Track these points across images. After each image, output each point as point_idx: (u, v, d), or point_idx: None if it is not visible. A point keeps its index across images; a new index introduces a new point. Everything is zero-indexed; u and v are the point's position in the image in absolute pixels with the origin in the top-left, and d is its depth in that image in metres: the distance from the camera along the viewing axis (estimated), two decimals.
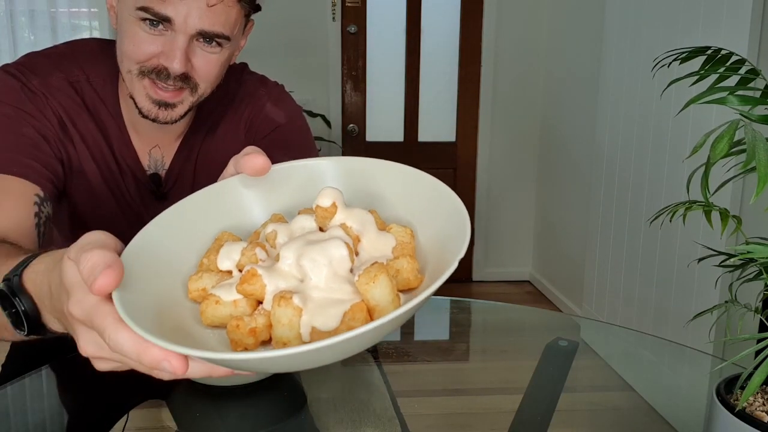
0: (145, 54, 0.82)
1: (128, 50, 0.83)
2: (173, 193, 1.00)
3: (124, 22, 0.83)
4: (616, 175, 2.66)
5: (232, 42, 0.86)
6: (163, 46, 0.82)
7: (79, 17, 3.35)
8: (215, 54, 0.85)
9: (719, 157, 0.53)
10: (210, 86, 0.88)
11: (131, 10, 0.81)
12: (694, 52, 0.66)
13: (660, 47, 2.27)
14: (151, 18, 0.80)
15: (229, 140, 1.02)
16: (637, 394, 0.95)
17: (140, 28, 0.81)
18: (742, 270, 0.65)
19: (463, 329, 1.07)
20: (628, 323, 2.53)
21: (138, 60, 0.83)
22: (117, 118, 0.95)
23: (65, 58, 0.93)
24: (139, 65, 0.83)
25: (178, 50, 0.81)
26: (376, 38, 3.58)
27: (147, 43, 0.82)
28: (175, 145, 1.00)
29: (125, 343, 0.41)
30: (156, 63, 0.83)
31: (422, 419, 0.87)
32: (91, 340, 0.45)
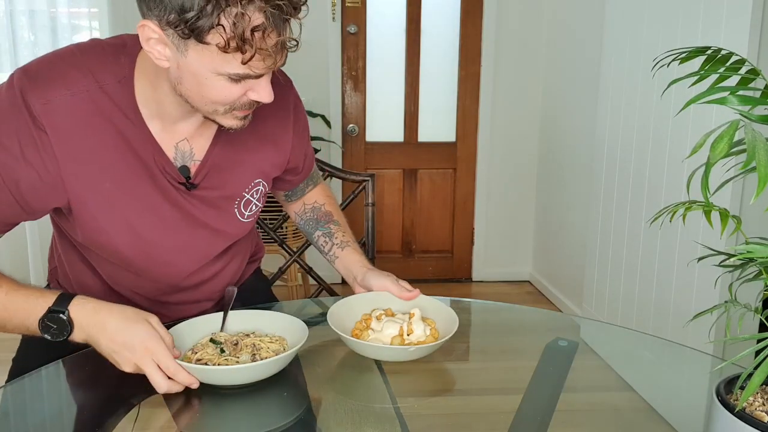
0: (234, 97, 0.89)
1: (214, 97, 0.88)
2: (206, 183, 1.05)
3: (205, 78, 0.86)
4: (616, 175, 2.66)
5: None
6: (247, 86, 0.88)
7: (79, 17, 3.34)
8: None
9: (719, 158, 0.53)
10: None
11: (210, 70, 0.84)
12: (694, 52, 0.66)
13: (660, 47, 2.27)
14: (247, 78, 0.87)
15: (269, 138, 1.12)
16: (637, 394, 0.95)
17: (226, 81, 0.86)
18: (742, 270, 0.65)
19: (463, 329, 1.07)
20: (628, 323, 2.53)
21: (227, 102, 0.89)
22: (135, 120, 0.96)
23: (72, 65, 0.93)
24: (229, 106, 0.90)
25: (267, 87, 0.89)
26: (376, 38, 3.58)
27: (235, 90, 0.88)
28: (203, 139, 1.03)
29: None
30: (246, 100, 0.90)
31: (422, 419, 0.87)
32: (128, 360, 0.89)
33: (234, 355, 0.94)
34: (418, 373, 0.99)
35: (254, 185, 1.11)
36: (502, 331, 1.23)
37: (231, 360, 0.93)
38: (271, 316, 1.06)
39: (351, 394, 0.93)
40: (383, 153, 3.71)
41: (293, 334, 0.99)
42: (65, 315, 0.90)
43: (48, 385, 0.96)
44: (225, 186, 1.07)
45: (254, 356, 0.94)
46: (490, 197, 3.80)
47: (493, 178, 3.78)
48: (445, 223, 3.85)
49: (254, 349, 0.96)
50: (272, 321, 1.04)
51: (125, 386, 0.92)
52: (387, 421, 0.85)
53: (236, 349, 0.96)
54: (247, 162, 1.09)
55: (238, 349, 0.95)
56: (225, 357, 0.93)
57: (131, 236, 1.01)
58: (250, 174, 1.10)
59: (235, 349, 0.95)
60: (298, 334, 0.97)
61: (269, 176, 1.15)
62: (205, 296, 1.18)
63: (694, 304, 2.10)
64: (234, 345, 0.96)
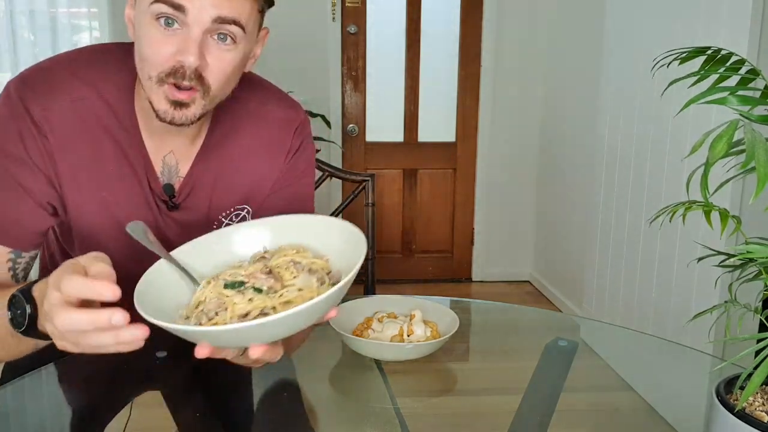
0: (163, 55, 0.83)
1: (147, 54, 0.84)
2: (187, 203, 0.99)
3: (141, 27, 0.84)
4: (616, 175, 2.66)
5: (246, 41, 0.86)
6: (178, 44, 0.82)
7: (79, 17, 3.34)
8: (230, 52, 0.85)
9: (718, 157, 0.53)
10: (222, 88, 0.88)
11: (146, 8, 0.82)
12: (694, 53, 0.66)
13: (660, 47, 2.27)
14: (165, 12, 0.81)
15: (258, 159, 1.03)
16: (636, 394, 0.95)
17: (156, 30, 0.82)
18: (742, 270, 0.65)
19: (463, 329, 1.07)
20: (627, 323, 2.53)
21: (157, 62, 0.84)
22: (131, 128, 0.94)
23: (73, 73, 0.92)
24: (158, 70, 0.84)
25: (192, 43, 0.82)
26: (376, 38, 3.58)
27: (163, 43, 0.82)
28: (190, 154, 0.99)
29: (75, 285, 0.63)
30: (172, 63, 0.83)
31: (422, 419, 0.87)
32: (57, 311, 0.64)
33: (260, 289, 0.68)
34: (418, 373, 0.99)
35: (235, 210, 1.03)
36: (502, 331, 1.23)
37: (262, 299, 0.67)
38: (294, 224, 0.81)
39: (351, 394, 0.93)
40: (383, 153, 3.71)
41: (340, 253, 0.74)
42: (25, 290, 0.73)
43: (39, 387, 0.96)
44: (205, 207, 1.01)
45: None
46: (490, 197, 3.80)
47: (493, 178, 3.78)
48: (445, 223, 3.85)
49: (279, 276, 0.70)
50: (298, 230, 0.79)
51: (117, 387, 0.92)
52: (387, 421, 0.85)
53: (275, 278, 0.70)
54: (230, 182, 1.02)
55: (277, 278, 0.70)
56: (251, 292, 0.68)
57: (130, 249, 0.98)
58: (232, 196, 1.02)
59: (275, 278, 0.70)
60: (348, 252, 0.72)
61: (256, 200, 1.04)
62: None
63: (693, 304, 2.10)
64: (268, 274, 0.70)
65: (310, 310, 0.60)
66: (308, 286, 0.68)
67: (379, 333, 1.01)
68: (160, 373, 0.96)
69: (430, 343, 0.97)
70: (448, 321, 1.04)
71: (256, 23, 0.90)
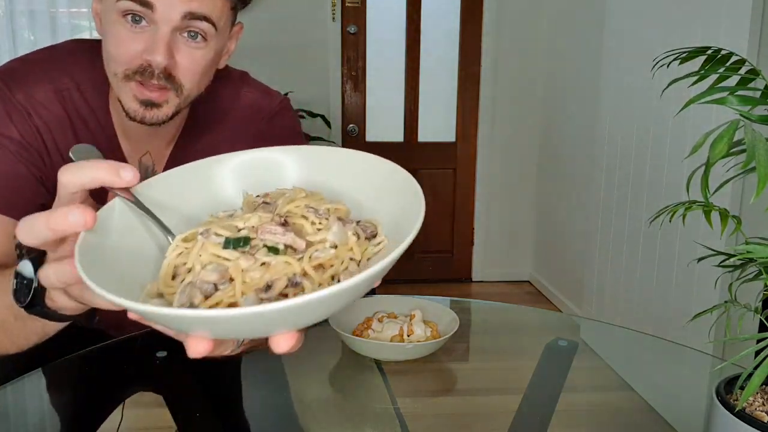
0: (129, 53, 0.80)
1: (113, 51, 0.81)
2: None
3: (108, 24, 0.82)
4: (616, 175, 2.66)
5: (218, 38, 0.84)
6: (146, 42, 0.80)
7: (79, 17, 3.35)
8: (200, 50, 0.82)
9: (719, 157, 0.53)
10: (195, 87, 0.85)
11: (112, 3, 0.79)
12: (694, 52, 0.66)
13: (660, 47, 2.27)
14: (132, 9, 0.78)
15: (228, 150, 0.99)
16: (636, 395, 0.95)
17: (123, 27, 0.80)
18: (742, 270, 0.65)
19: (462, 329, 1.07)
20: (627, 323, 2.53)
21: (122, 60, 0.81)
22: (106, 127, 0.93)
23: (53, 63, 0.91)
24: (124, 68, 0.81)
25: (160, 42, 0.79)
26: (376, 38, 3.58)
27: (129, 41, 0.80)
28: (166, 154, 0.97)
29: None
30: (139, 62, 0.80)
31: (422, 419, 0.87)
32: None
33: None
34: (418, 373, 0.99)
35: None
36: (502, 331, 1.23)
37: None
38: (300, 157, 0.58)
39: (351, 394, 0.93)
40: (383, 153, 3.67)
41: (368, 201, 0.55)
42: (33, 262, 0.59)
43: (39, 387, 0.96)
44: None
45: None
46: (490, 197, 3.80)
47: (493, 178, 3.78)
48: (445, 223, 3.85)
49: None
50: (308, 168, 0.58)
51: (108, 389, 0.91)
52: (387, 421, 0.85)
53: (296, 232, 0.49)
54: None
55: (298, 231, 0.49)
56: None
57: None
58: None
59: (296, 232, 0.49)
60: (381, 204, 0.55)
61: None
62: None
63: (693, 304, 2.10)
64: (285, 226, 0.49)
65: (371, 279, 0.41)
66: (343, 241, 0.49)
67: (379, 333, 1.01)
68: (160, 373, 0.96)
69: (430, 343, 0.97)
70: (448, 321, 1.04)
71: (229, 19, 0.87)
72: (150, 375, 0.96)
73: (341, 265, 0.48)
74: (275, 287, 0.45)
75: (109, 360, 0.97)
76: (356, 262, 0.49)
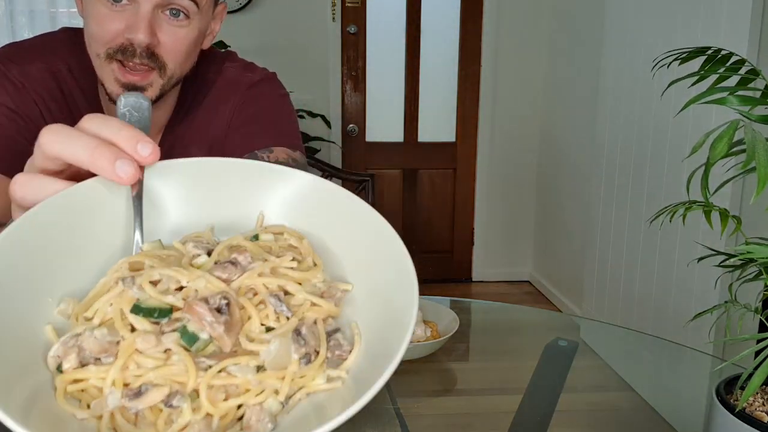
0: (110, 32, 0.79)
1: (94, 32, 0.80)
2: None
3: (89, 5, 0.81)
4: (615, 175, 2.66)
5: (200, 16, 0.83)
6: (127, 20, 0.79)
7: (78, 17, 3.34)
8: (183, 28, 0.81)
9: (719, 158, 0.53)
10: (179, 67, 0.84)
11: None
12: (695, 53, 0.66)
13: (660, 47, 2.27)
14: None
15: (211, 127, 0.97)
16: (636, 395, 0.95)
17: (103, 6, 0.79)
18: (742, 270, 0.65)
19: (462, 329, 1.07)
20: (627, 323, 2.53)
21: (104, 40, 0.80)
22: (97, 111, 0.93)
23: (47, 47, 0.91)
24: (106, 47, 0.80)
25: (141, 20, 0.78)
26: (376, 38, 3.58)
27: (110, 20, 0.79)
28: (156, 140, 0.96)
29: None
30: (121, 40, 0.79)
31: (422, 419, 0.87)
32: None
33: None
34: (418, 373, 0.99)
35: None
36: (502, 331, 1.23)
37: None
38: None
39: None
40: (383, 153, 3.71)
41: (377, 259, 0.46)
42: None
43: None
44: None
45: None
46: (490, 197, 3.80)
47: (493, 178, 3.78)
48: (445, 223, 3.85)
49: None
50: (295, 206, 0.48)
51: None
52: (387, 421, 0.85)
53: (229, 326, 0.38)
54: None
55: (233, 326, 0.38)
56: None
57: None
58: None
59: (228, 327, 0.38)
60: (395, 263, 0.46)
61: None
62: None
63: (694, 304, 2.10)
64: (219, 314, 0.38)
65: None
66: (277, 365, 0.38)
67: None
68: None
69: (430, 343, 0.97)
70: (448, 321, 1.04)
71: (211, 1, 0.86)
72: None
73: (256, 397, 0.36)
74: (147, 396, 0.35)
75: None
76: (279, 396, 0.37)
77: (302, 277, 0.42)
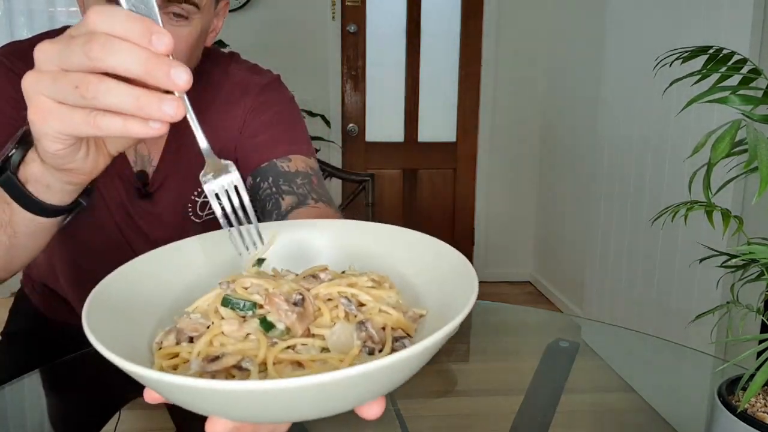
0: None
1: None
2: (160, 191, 0.97)
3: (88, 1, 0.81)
4: (616, 175, 2.66)
5: (202, 15, 0.83)
6: None
7: (78, 16, 3.34)
8: (184, 28, 0.81)
9: (720, 157, 0.53)
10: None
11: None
12: (696, 52, 0.66)
13: (661, 47, 2.27)
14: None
15: (221, 129, 0.97)
16: (638, 395, 0.95)
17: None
18: (744, 270, 0.64)
19: (463, 330, 1.07)
20: (629, 324, 2.53)
21: None
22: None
23: None
24: None
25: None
26: (376, 38, 3.58)
27: None
28: (161, 142, 0.96)
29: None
30: None
31: (422, 420, 0.86)
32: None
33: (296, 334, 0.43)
34: (418, 374, 0.99)
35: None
36: (503, 331, 1.23)
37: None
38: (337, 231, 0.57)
39: None
40: (383, 153, 3.71)
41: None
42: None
43: (39, 387, 0.95)
44: (177, 193, 0.98)
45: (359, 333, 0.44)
46: (490, 197, 3.80)
47: (493, 178, 3.78)
48: (445, 223, 3.84)
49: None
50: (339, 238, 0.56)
51: (105, 392, 0.91)
52: (387, 422, 0.84)
53: (301, 316, 0.44)
54: (197, 161, 0.98)
55: (305, 317, 0.44)
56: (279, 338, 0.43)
57: (113, 236, 0.96)
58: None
59: (301, 317, 0.44)
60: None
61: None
62: None
63: (695, 304, 2.09)
64: (294, 306, 0.44)
65: (322, 391, 0.34)
66: (341, 349, 0.42)
67: None
68: None
69: None
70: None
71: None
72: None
73: (318, 368, 0.41)
74: (222, 360, 0.41)
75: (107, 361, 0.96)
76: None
77: (377, 295, 0.47)
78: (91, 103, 0.42)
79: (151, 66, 0.41)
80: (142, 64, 0.41)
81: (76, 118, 0.44)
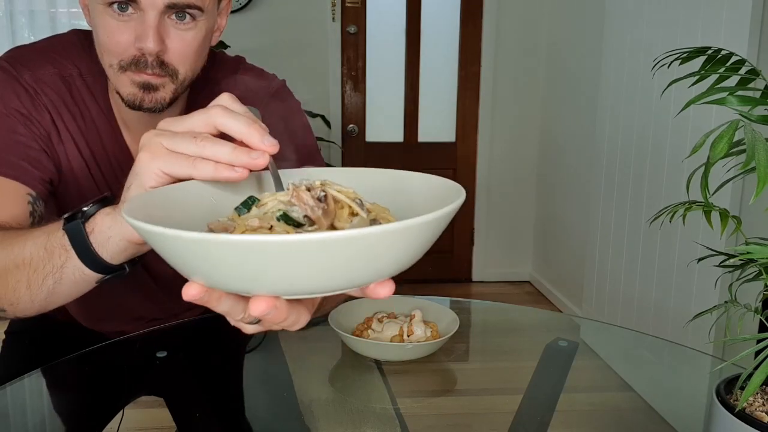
0: (121, 44, 0.80)
1: (104, 42, 0.82)
2: None
3: (96, 16, 0.82)
4: (615, 175, 2.66)
5: (206, 16, 0.83)
6: (135, 30, 0.80)
7: (79, 17, 3.34)
8: (190, 31, 0.82)
9: (719, 158, 0.53)
10: (190, 69, 0.85)
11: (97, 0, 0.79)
12: (695, 53, 0.66)
13: (660, 47, 2.27)
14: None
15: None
16: (637, 395, 0.95)
17: (110, 17, 0.80)
18: (742, 270, 0.65)
19: (462, 329, 1.07)
20: (627, 323, 2.53)
21: (116, 53, 0.81)
22: (108, 115, 0.93)
23: (57, 51, 0.92)
24: (119, 59, 0.82)
25: (149, 28, 0.79)
26: (376, 38, 3.58)
27: (119, 31, 0.80)
28: None
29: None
30: (133, 52, 0.81)
31: (422, 420, 0.87)
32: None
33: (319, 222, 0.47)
34: (418, 374, 0.99)
35: None
36: (502, 331, 1.23)
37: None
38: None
39: (351, 394, 0.93)
40: (383, 153, 3.71)
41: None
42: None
43: (39, 387, 0.96)
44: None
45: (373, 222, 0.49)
46: (490, 197, 3.80)
47: (493, 178, 3.78)
48: None
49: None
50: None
51: (108, 391, 0.91)
52: (387, 422, 0.85)
53: (325, 212, 0.48)
54: None
55: (328, 213, 0.48)
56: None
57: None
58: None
59: (324, 213, 0.47)
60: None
61: None
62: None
63: (693, 304, 2.10)
64: (318, 202, 0.48)
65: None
66: None
67: (379, 333, 1.01)
68: (160, 373, 0.96)
69: (430, 343, 0.97)
70: (448, 321, 1.05)
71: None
72: (150, 375, 0.96)
73: None
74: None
75: (109, 360, 0.97)
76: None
77: (379, 207, 0.52)
78: (200, 151, 0.52)
79: (251, 130, 0.54)
80: (246, 129, 0.54)
81: (181, 160, 0.53)
